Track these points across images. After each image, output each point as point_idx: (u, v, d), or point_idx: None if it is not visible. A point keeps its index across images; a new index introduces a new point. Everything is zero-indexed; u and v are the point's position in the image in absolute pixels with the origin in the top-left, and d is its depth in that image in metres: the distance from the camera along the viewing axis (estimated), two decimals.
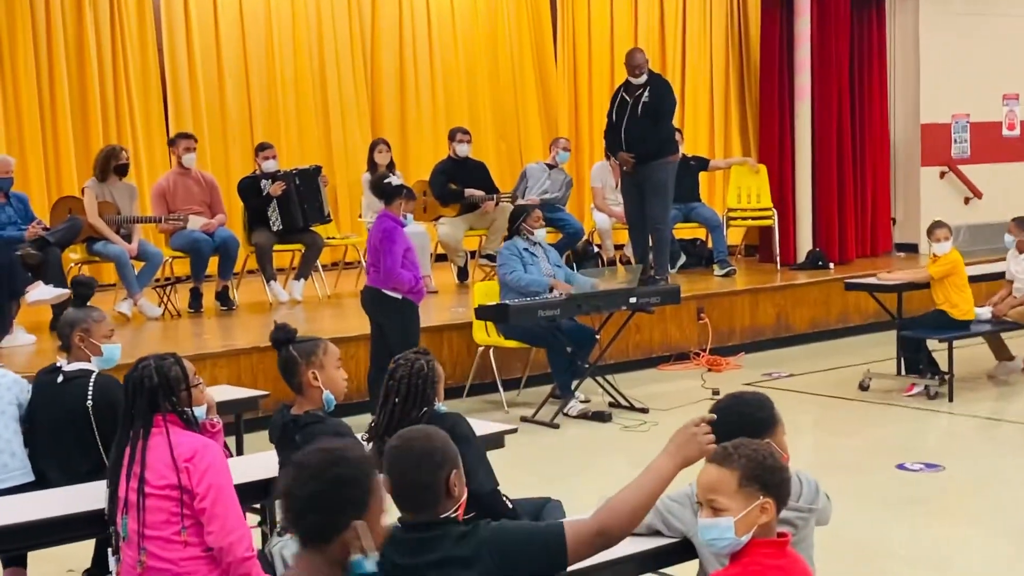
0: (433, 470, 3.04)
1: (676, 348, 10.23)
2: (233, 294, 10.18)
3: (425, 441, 3.10)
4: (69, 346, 4.94)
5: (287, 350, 4.34)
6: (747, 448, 3.01)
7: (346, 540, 2.69)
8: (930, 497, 6.57)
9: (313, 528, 2.72)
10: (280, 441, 4.31)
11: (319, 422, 4.23)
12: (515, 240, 8.74)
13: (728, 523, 2.94)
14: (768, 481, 2.97)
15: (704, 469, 3.05)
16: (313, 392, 4.29)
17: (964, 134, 13.27)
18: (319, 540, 2.72)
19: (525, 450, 7.80)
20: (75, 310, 5.09)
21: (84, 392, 4.62)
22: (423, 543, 3.01)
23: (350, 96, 13.06)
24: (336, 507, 2.69)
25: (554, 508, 4.61)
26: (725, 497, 2.96)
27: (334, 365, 4.35)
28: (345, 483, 2.72)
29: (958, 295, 8.68)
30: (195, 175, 10.17)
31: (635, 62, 10.07)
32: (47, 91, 11.28)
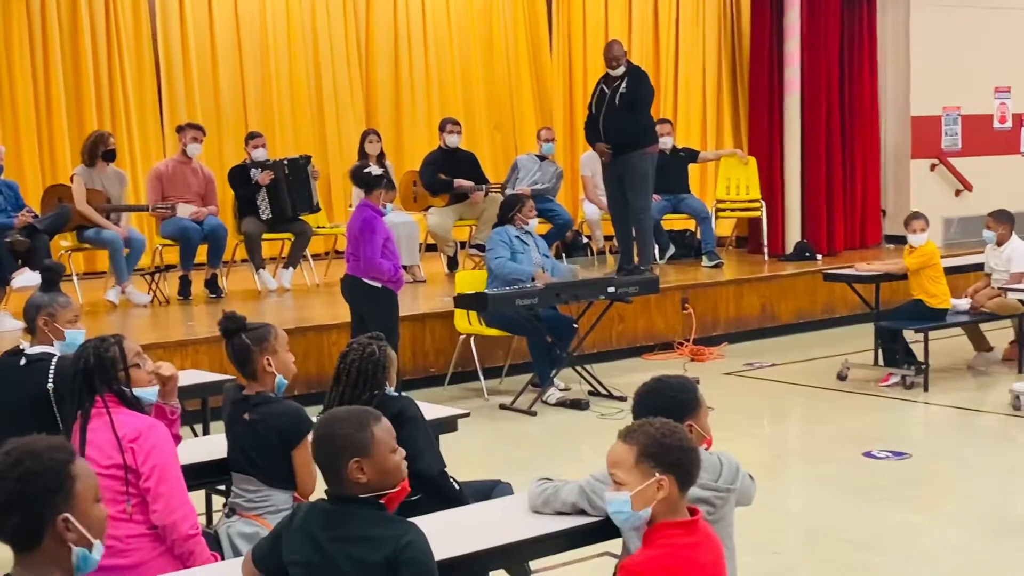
0: (330, 456, 3.15)
1: (660, 338, 10.32)
2: (222, 282, 10.29)
3: (327, 427, 3.21)
4: (34, 329, 5.03)
5: (240, 338, 4.38)
6: (650, 426, 3.10)
7: (59, 537, 2.50)
8: (893, 484, 6.65)
9: (19, 532, 2.49)
10: (230, 417, 4.41)
11: (271, 402, 4.33)
12: (507, 227, 8.80)
13: (624, 497, 3.05)
14: (665, 459, 3.05)
15: (613, 445, 3.16)
16: (267, 378, 4.37)
17: (955, 127, 13.30)
18: (30, 545, 2.50)
19: (502, 437, 7.94)
20: (41, 294, 5.18)
21: (45, 375, 4.72)
22: (332, 516, 3.13)
23: (344, 86, 13.17)
24: (35, 503, 2.48)
25: (503, 491, 4.69)
26: (623, 471, 3.07)
27: (285, 349, 4.43)
28: (37, 475, 2.50)
29: (934, 285, 8.75)
30: (195, 166, 10.28)
31: (612, 54, 10.14)
32: (42, 79, 11.42)
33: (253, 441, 4.29)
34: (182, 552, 3.85)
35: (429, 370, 9.08)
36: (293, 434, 4.24)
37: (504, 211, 8.99)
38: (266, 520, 4.24)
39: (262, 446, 4.27)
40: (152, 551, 3.84)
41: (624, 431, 3.15)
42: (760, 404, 8.75)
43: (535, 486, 3.83)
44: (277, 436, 4.25)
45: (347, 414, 3.25)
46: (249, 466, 4.31)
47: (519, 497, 4.07)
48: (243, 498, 4.34)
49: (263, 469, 4.28)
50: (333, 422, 3.21)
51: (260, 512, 4.28)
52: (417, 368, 9.07)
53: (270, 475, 4.28)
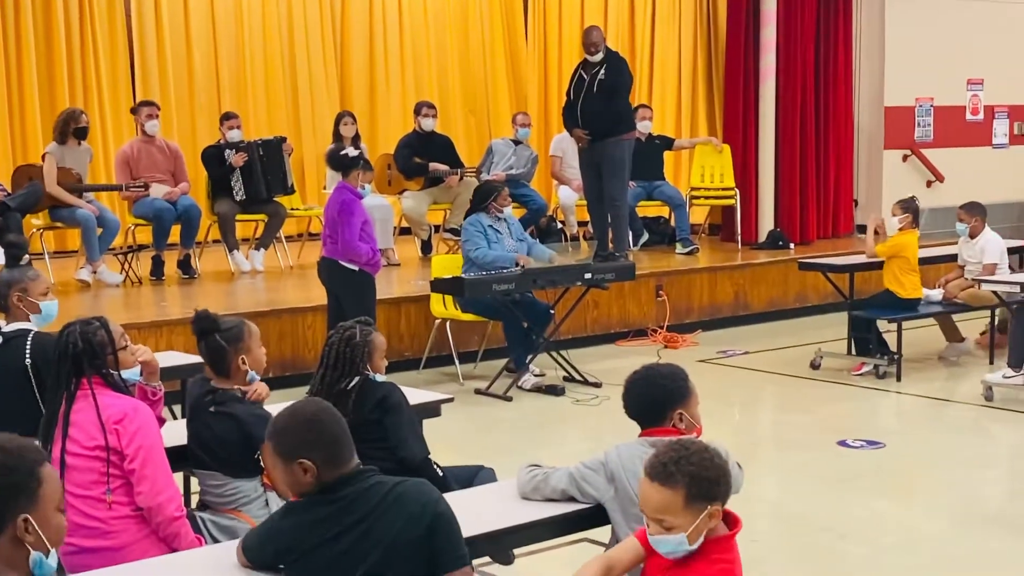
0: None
1: (634, 325, 10.34)
2: (195, 263, 10.24)
3: (275, 423, 3.24)
4: (7, 307, 4.95)
5: (214, 339, 4.28)
6: (686, 463, 2.91)
7: (16, 537, 2.48)
8: (868, 473, 6.70)
9: None
10: (193, 411, 4.35)
11: (240, 401, 4.28)
12: (479, 216, 8.76)
13: (681, 539, 2.91)
14: (713, 492, 2.93)
15: (646, 488, 2.95)
16: (239, 375, 4.30)
17: (928, 118, 13.39)
18: None
19: (478, 422, 7.94)
20: (9, 271, 5.12)
21: (22, 351, 4.68)
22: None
23: (319, 68, 13.10)
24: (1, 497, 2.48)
25: (486, 476, 4.70)
26: (673, 516, 2.91)
27: (258, 345, 4.36)
28: (8, 470, 2.50)
29: (905, 276, 8.81)
30: (159, 143, 10.20)
31: (591, 39, 10.13)
32: (14, 57, 11.31)
33: (216, 433, 4.24)
34: (167, 534, 3.83)
35: (404, 354, 9.05)
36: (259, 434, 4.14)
37: (477, 199, 8.94)
38: (241, 512, 4.22)
39: (225, 439, 4.22)
40: (137, 533, 3.82)
41: (658, 472, 2.92)
42: (733, 392, 8.78)
43: (524, 472, 3.83)
44: (242, 433, 4.20)
45: (293, 411, 3.27)
46: (211, 460, 4.27)
47: (505, 483, 4.07)
48: (211, 494, 4.31)
49: (225, 462, 4.24)
50: (278, 416, 3.26)
51: (233, 505, 4.25)
52: (392, 352, 8.82)
53: (233, 467, 4.24)
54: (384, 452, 4.36)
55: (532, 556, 4.92)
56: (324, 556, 3.09)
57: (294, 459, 3.11)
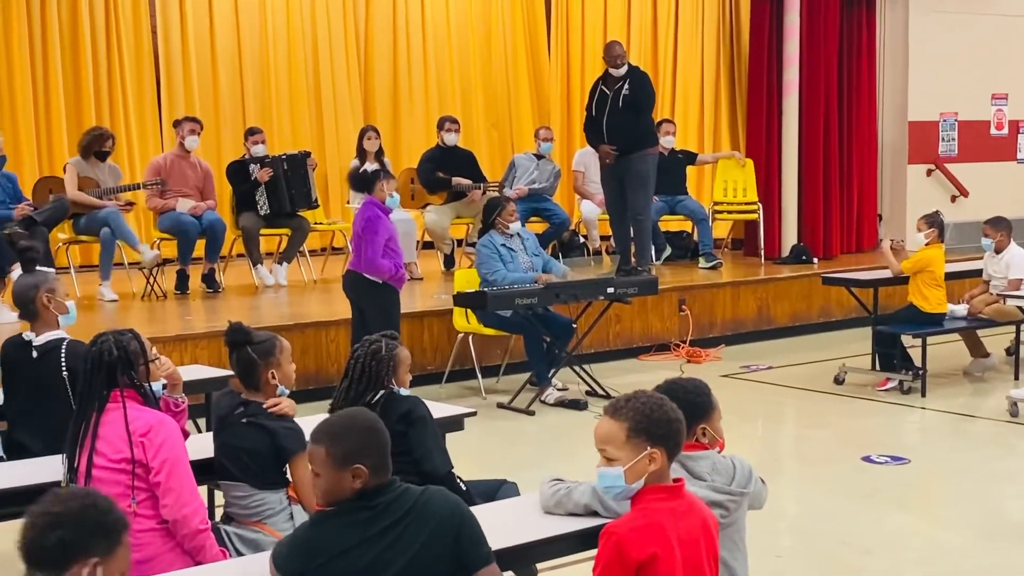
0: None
1: (657, 339, 10.33)
2: (219, 277, 10.29)
3: (329, 429, 3.26)
4: (35, 311, 4.94)
5: (245, 352, 4.31)
6: (636, 401, 3.19)
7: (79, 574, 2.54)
8: (892, 489, 6.67)
9: (56, 547, 2.52)
10: (222, 422, 4.36)
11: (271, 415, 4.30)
12: (491, 235, 8.69)
13: (618, 472, 3.14)
14: (655, 432, 3.15)
15: (599, 422, 3.24)
16: (268, 389, 4.32)
17: (952, 132, 13.35)
18: (52, 566, 2.53)
19: (500, 436, 7.94)
20: (31, 275, 5.14)
21: (58, 363, 4.71)
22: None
23: (342, 83, 13.17)
24: (86, 530, 2.55)
25: (509, 490, 4.70)
26: (615, 448, 3.16)
27: (288, 361, 4.38)
28: (103, 512, 2.60)
29: (929, 290, 8.77)
30: (192, 160, 10.27)
31: (615, 53, 10.15)
32: (40, 72, 11.40)
33: (247, 444, 4.25)
34: (192, 547, 3.85)
35: (426, 368, 9.06)
36: (290, 446, 4.21)
37: (485, 216, 8.91)
38: (266, 525, 4.23)
39: (255, 450, 4.24)
40: (163, 545, 3.84)
41: (610, 407, 3.23)
42: (757, 407, 8.76)
43: (547, 486, 3.84)
44: (272, 445, 4.21)
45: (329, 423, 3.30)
46: (239, 471, 4.28)
47: (528, 498, 4.07)
48: (236, 506, 4.32)
49: (254, 472, 4.25)
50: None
51: (258, 517, 4.26)
52: (414, 366, 8.86)
53: (261, 479, 4.25)
54: (408, 465, 4.36)
55: (555, 570, 4.92)
56: (354, 560, 3.12)
57: (349, 464, 3.12)
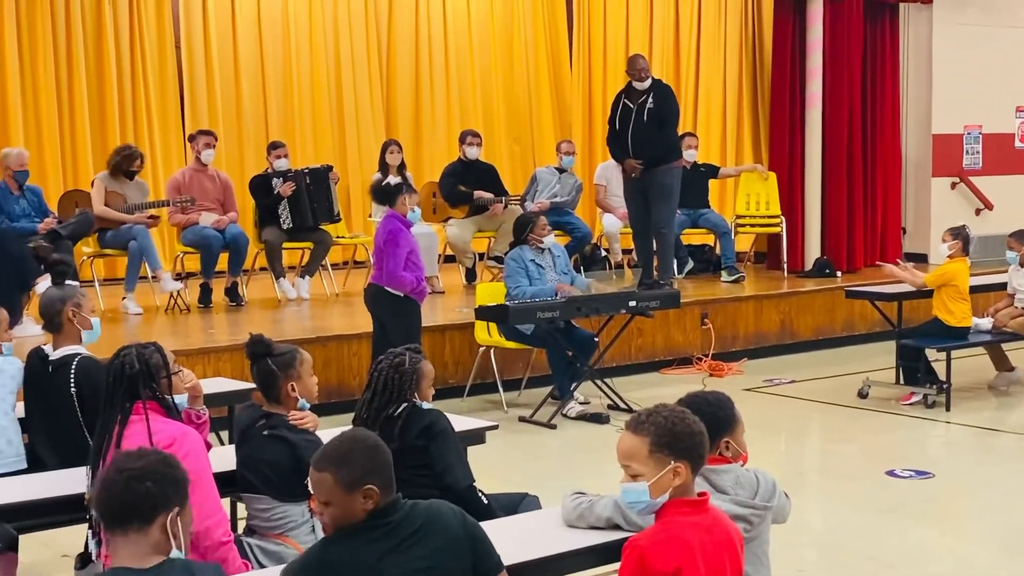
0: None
1: (679, 352, 10.30)
2: (242, 290, 10.31)
3: (332, 453, 3.19)
4: (59, 324, 4.99)
5: (266, 363, 4.33)
6: (658, 415, 3.18)
7: (164, 528, 2.75)
8: (916, 503, 6.63)
9: (144, 498, 2.74)
10: (244, 435, 4.37)
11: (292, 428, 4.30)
12: (522, 249, 8.71)
13: (643, 487, 3.13)
14: (678, 446, 3.13)
15: (621, 436, 3.23)
16: (289, 402, 4.34)
17: (976, 145, 13.30)
18: (141, 518, 2.74)
19: (522, 450, 7.93)
20: (59, 288, 5.18)
21: (68, 379, 4.73)
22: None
23: (365, 97, 13.20)
24: (167, 481, 2.77)
25: (531, 503, 4.69)
26: (638, 463, 3.14)
27: (309, 374, 4.40)
28: (174, 466, 2.82)
29: (954, 304, 8.72)
30: (211, 173, 10.31)
31: (639, 66, 10.16)
32: (65, 86, 11.47)
33: (269, 456, 4.26)
34: (215, 559, 3.84)
35: (448, 381, 9.05)
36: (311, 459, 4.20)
37: (517, 231, 8.93)
38: (288, 537, 4.23)
39: (277, 463, 4.25)
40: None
41: (632, 422, 3.22)
42: (780, 421, 8.73)
43: (569, 500, 3.83)
44: (294, 457, 4.22)
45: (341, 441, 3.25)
46: (261, 483, 4.29)
47: (549, 511, 4.06)
48: (259, 519, 4.32)
49: (276, 485, 4.26)
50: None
51: (280, 530, 4.26)
52: (436, 379, 8.89)
53: (283, 491, 4.26)
54: (429, 479, 4.37)
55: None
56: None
57: (359, 487, 3.05)
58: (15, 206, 9.13)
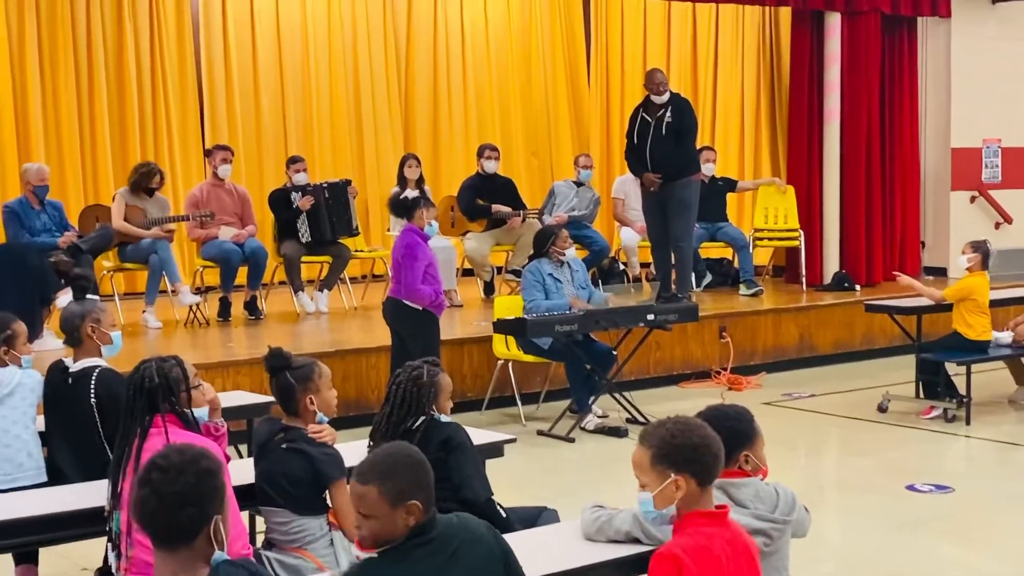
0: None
1: (697, 366, 10.29)
2: (261, 304, 10.34)
3: (377, 466, 3.13)
4: (80, 338, 5.03)
5: (284, 376, 4.36)
6: (663, 428, 3.21)
7: (209, 536, 2.73)
8: (936, 518, 6.60)
9: (186, 523, 2.71)
10: (262, 448, 4.38)
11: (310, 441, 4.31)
12: (541, 263, 8.73)
13: (647, 497, 3.19)
14: (677, 458, 3.16)
15: (635, 448, 3.29)
16: (308, 415, 4.35)
17: (995, 159, 13.25)
18: (188, 537, 2.72)
19: (540, 463, 7.93)
20: (79, 303, 5.21)
21: (88, 390, 4.75)
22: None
23: (383, 111, 13.25)
24: (207, 499, 2.73)
25: (549, 517, 4.68)
26: (643, 474, 3.21)
27: (327, 387, 4.41)
28: (212, 474, 2.76)
29: (973, 317, 8.68)
30: (228, 187, 10.36)
31: (657, 80, 10.16)
32: (86, 101, 11.55)
33: (287, 469, 4.27)
34: None
35: (466, 395, 9.06)
36: (329, 472, 4.23)
37: (538, 244, 8.94)
38: (306, 551, 4.24)
39: (295, 476, 4.26)
40: None
41: (641, 434, 3.28)
42: (799, 435, 8.71)
43: (588, 513, 3.83)
44: (312, 471, 4.23)
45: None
46: (279, 497, 4.29)
47: (568, 524, 4.06)
48: (277, 532, 4.33)
49: (294, 498, 4.26)
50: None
51: (298, 543, 4.27)
52: (454, 393, 8.87)
53: (301, 504, 4.26)
54: (447, 492, 4.35)
55: None
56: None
57: (404, 502, 3.00)
58: (36, 221, 9.18)
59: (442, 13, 13.69)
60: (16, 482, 4.99)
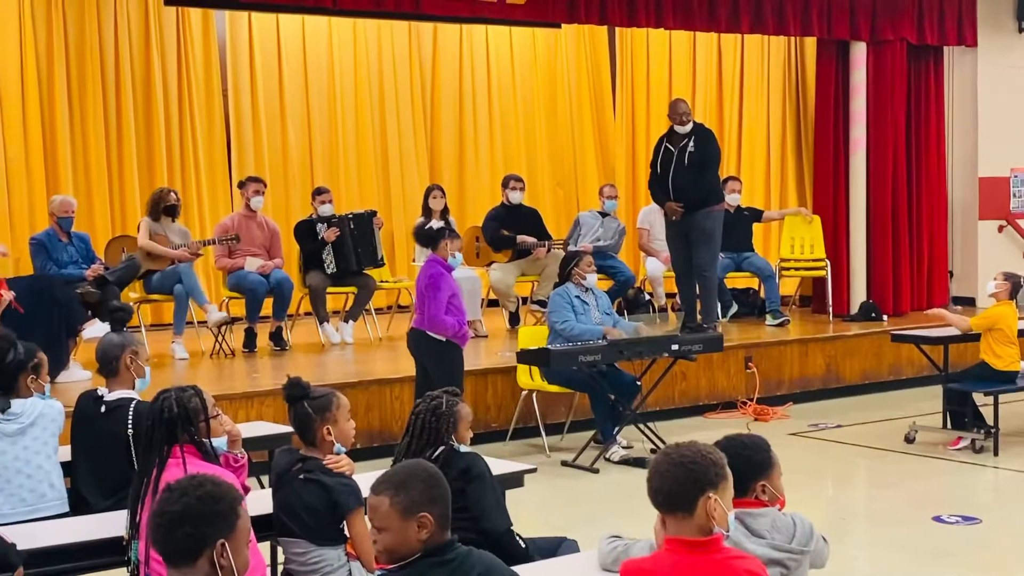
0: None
1: (723, 397, 10.24)
2: (287, 335, 10.37)
3: (392, 479, 3.18)
4: (116, 370, 5.08)
5: (302, 406, 4.37)
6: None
7: (213, 559, 2.77)
8: (963, 550, 6.53)
9: (182, 542, 2.77)
10: (280, 479, 4.38)
11: (328, 471, 4.32)
12: (567, 287, 8.78)
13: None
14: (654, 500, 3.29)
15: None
16: (325, 445, 4.36)
17: (1023, 188, 13.18)
18: (188, 557, 2.78)
19: (564, 493, 7.89)
20: (118, 334, 5.26)
21: (125, 420, 4.78)
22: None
23: (409, 142, 13.32)
24: (205, 520, 2.77)
25: (569, 547, 4.67)
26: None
27: (345, 418, 4.42)
28: (215, 499, 2.80)
29: (1001, 347, 8.61)
30: (259, 219, 10.42)
31: (680, 110, 10.17)
32: (114, 134, 11.66)
33: (304, 500, 4.28)
34: None
35: (491, 425, 9.06)
36: (346, 503, 4.24)
37: (562, 267, 9.00)
38: None
39: (312, 506, 4.26)
40: None
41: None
42: (826, 466, 8.65)
43: (605, 543, 3.81)
44: (329, 501, 4.24)
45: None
46: (297, 527, 4.29)
47: (587, 555, 4.04)
48: (295, 563, 4.33)
49: (312, 529, 4.27)
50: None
51: (317, 575, 4.26)
52: (478, 423, 9.00)
53: (318, 535, 4.26)
54: (467, 523, 4.35)
55: None
56: None
57: (415, 514, 3.04)
58: (63, 253, 9.25)
59: (467, 43, 13.76)
60: (38, 512, 5.01)
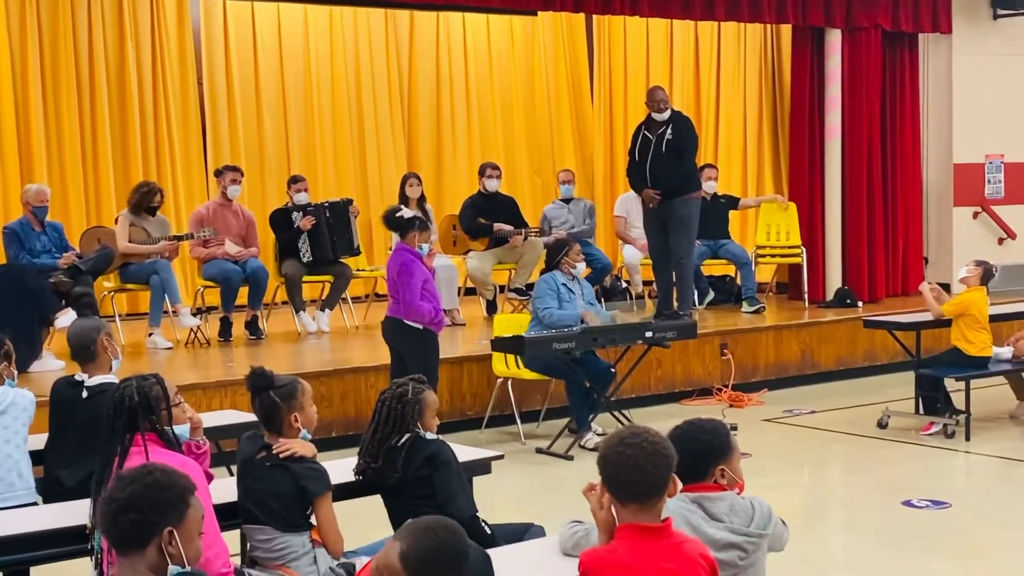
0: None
1: (699, 383, 10.28)
2: (263, 324, 10.36)
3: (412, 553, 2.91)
4: (94, 353, 5.09)
5: (268, 396, 4.37)
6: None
7: (161, 547, 2.81)
8: (931, 534, 6.57)
9: (130, 529, 2.81)
10: (245, 466, 4.39)
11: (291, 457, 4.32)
12: (554, 274, 8.80)
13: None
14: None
15: None
16: (291, 432, 4.37)
17: (998, 174, 13.24)
18: (135, 544, 2.82)
19: (538, 481, 7.92)
20: (88, 319, 5.26)
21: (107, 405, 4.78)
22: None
23: (386, 130, 13.31)
24: (152, 508, 2.81)
25: (535, 533, 4.69)
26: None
27: (310, 403, 4.43)
28: (164, 487, 2.84)
29: (973, 333, 8.67)
30: (235, 208, 10.40)
31: (658, 97, 10.19)
32: (88, 123, 11.61)
33: (270, 486, 4.29)
34: None
35: (466, 413, 9.08)
36: (313, 487, 4.25)
37: (551, 256, 9.02)
38: (289, 568, 4.24)
39: (279, 492, 4.27)
40: None
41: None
42: (799, 451, 8.69)
43: (566, 528, 3.84)
44: (296, 487, 4.25)
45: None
46: (263, 514, 4.30)
47: (550, 540, 4.06)
48: (260, 549, 4.34)
49: (278, 515, 4.28)
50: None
51: (281, 561, 4.27)
52: (454, 411, 9.07)
53: (284, 521, 4.28)
54: (432, 509, 4.35)
55: None
56: None
57: None
58: (36, 242, 9.23)
59: (444, 31, 13.75)
60: (6, 502, 5.00)
